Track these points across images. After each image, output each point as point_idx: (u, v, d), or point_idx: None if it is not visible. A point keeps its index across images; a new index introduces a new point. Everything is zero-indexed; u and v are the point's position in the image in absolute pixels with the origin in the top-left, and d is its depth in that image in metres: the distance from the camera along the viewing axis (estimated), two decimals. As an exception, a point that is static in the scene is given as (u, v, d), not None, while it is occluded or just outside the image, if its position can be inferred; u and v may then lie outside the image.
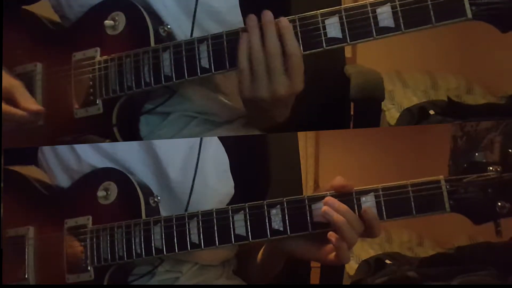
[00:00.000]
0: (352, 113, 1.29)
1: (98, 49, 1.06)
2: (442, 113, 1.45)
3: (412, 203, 0.94)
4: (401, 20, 0.94)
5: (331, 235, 0.95)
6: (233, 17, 1.05)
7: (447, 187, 0.94)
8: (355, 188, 0.96)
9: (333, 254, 0.96)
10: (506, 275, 1.20)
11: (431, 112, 1.45)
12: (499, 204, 0.94)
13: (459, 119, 1.40)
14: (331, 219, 0.94)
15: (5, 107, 1.04)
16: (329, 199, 0.96)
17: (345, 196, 0.96)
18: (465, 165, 0.96)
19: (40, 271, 1.05)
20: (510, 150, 0.97)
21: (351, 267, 1.46)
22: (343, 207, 0.95)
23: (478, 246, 1.39)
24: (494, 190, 0.94)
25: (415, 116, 1.48)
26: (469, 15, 0.94)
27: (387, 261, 1.37)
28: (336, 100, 1.27)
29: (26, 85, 1.08)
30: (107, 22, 1.05)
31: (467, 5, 0.93)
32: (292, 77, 0.95)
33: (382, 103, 1.34)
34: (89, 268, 1.03)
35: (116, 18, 1.05)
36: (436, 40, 1.51)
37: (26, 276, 1.05)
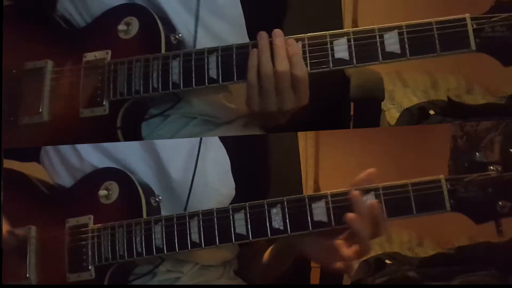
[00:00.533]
0: (352, 113, 1.30)
1: (109, 51, 1.06)
2: (442, 113, 1.45)
3: (413, 202, 0.94)
4: (407, 47, 0.97)
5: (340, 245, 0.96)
6: (234, 11, 1.06)
7: (448, 186, 0.95)
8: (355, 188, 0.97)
9: (339, 263, 0.97)
10: (506, 275, 1.20)
11: (431, 112, 1.45)
12: (500, 203, 0.94)
13: (459, 119, 1.40)
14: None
15: None
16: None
17: (345, 194, 0.96)
18: (466, 164, 0.96)
19: (42, 270, 1.06)
20: (511, 150, 0.97)
21: (351, 267, 1.45)
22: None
23: (478, 246, 1.39)
24: (495, 189, 0.94)
25: (415, 116, 1.48)
26: (473, 47, 0.96)
27: (387, 261, 1.37)
28: (336, 100, 1.27)
29: (36, 82, 1.08)
30: (121, 26, 1.06)
31: (471, 38, 0.95)
32: (299, 94, 0.98)
33: (382, 103, 1.34)
34: (90, 267, 1.03)
35: (130, 22, 1.06)
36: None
37: (27, 275, 1.05)
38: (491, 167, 0.94)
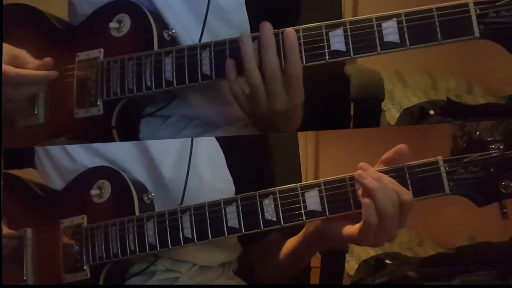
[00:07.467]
0: (352, 113, 1.29)
1: (102, 50, 1.05)
2: (442, 113, 1.45)
3: (410, 187, 0.90)
4: (406, 36, 0.92)
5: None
6: (239, 16, 1.05)
7: (446, 167, 0.90)
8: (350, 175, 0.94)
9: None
10: (506, 275, 1.19)
11: (431, 112, 1.46)
12: (503, 183, 0.88)
13: (459, 119, 1.40)
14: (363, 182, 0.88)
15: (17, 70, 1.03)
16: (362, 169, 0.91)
17: (339, 182, 0.93)
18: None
19: (38, 272, 1.05)
20: (513, 127, 0.91)
21: (351, 267, 1.46)
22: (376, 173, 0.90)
23: (478, 246, 1.39)
24: (497, 168, 0.88)
25: (415, 116, 1.48)
26: (477, 34, 0.91)
27: (387, 261, 1.37)
28: (336, 100, 1.27)
29: None
30: (112, 24, 1.05)
31: (474, 24, 0.90)
32: (291, 93, 0.94)
33: (382, 103, 1.33)
34: (84, 267, 1.02)
35: (122, 20, 1.05)
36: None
37: (24, 278, 1.05)
38: (493, 146, 0.89)
